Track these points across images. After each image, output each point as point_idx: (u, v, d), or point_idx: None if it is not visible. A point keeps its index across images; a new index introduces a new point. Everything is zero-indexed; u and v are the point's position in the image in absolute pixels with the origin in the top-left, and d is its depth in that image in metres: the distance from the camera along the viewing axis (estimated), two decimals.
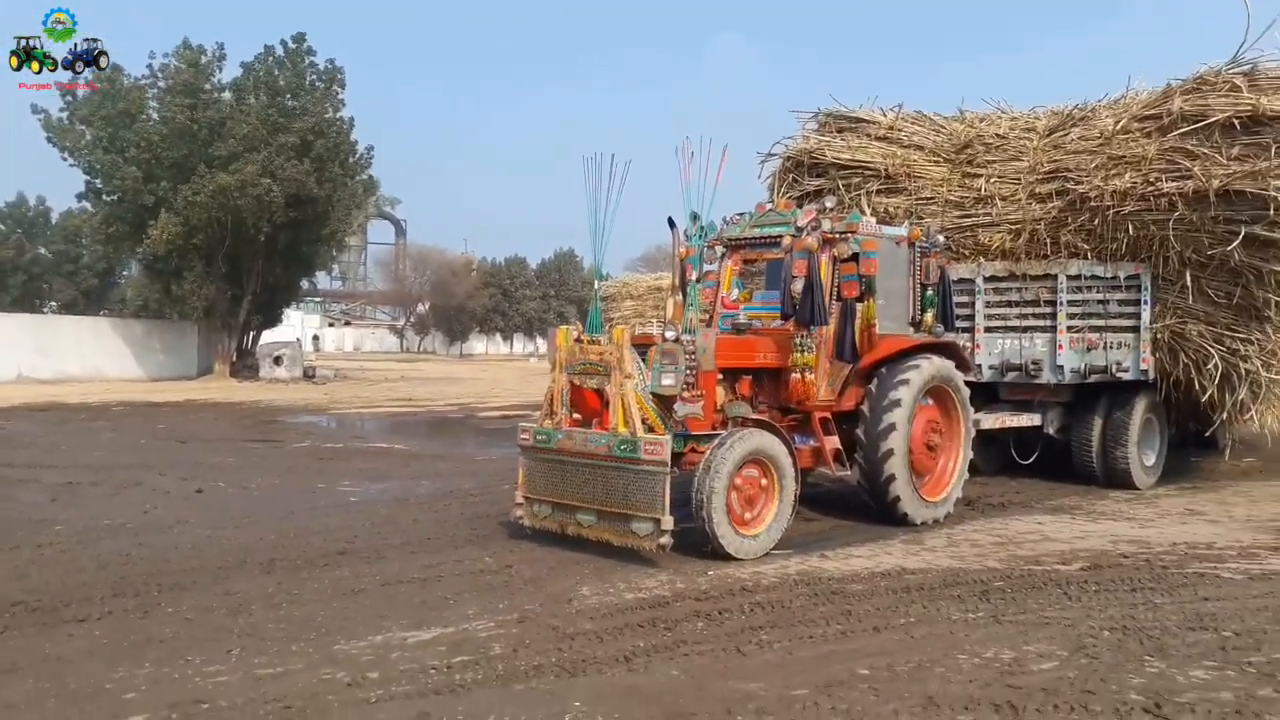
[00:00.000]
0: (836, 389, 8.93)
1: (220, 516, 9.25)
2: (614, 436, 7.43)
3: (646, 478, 7.22)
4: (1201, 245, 10.66)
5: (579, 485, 7.68)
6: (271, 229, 30.86)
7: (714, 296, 9.80)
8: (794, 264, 8.53)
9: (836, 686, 4.83)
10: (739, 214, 9.82)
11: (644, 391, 7.57)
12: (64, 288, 43.04)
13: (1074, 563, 7.59)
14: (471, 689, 4.81)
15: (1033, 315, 11.59)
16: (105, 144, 29.69)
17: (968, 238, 12.21)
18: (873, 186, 12.58)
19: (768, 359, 8.72)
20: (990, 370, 11.77)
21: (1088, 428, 11.66)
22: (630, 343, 7.59)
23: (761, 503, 7.80)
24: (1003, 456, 12.27)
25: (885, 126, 13.08)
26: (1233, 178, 10.29)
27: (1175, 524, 9.36)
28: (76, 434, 16.85)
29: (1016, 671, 5.06)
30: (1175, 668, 5.12)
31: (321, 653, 5.33)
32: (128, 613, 6.05)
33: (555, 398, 8.06)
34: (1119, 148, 11.27)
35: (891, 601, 6.43)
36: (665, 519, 7.11)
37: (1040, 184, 11.85)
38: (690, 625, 5.87)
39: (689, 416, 7.75)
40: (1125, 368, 11.31)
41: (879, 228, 9.33)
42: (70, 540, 8.11)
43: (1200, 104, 10.75)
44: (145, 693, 4.74)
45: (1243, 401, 11.02)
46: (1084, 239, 11.46)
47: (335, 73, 32.42)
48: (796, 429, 8.79)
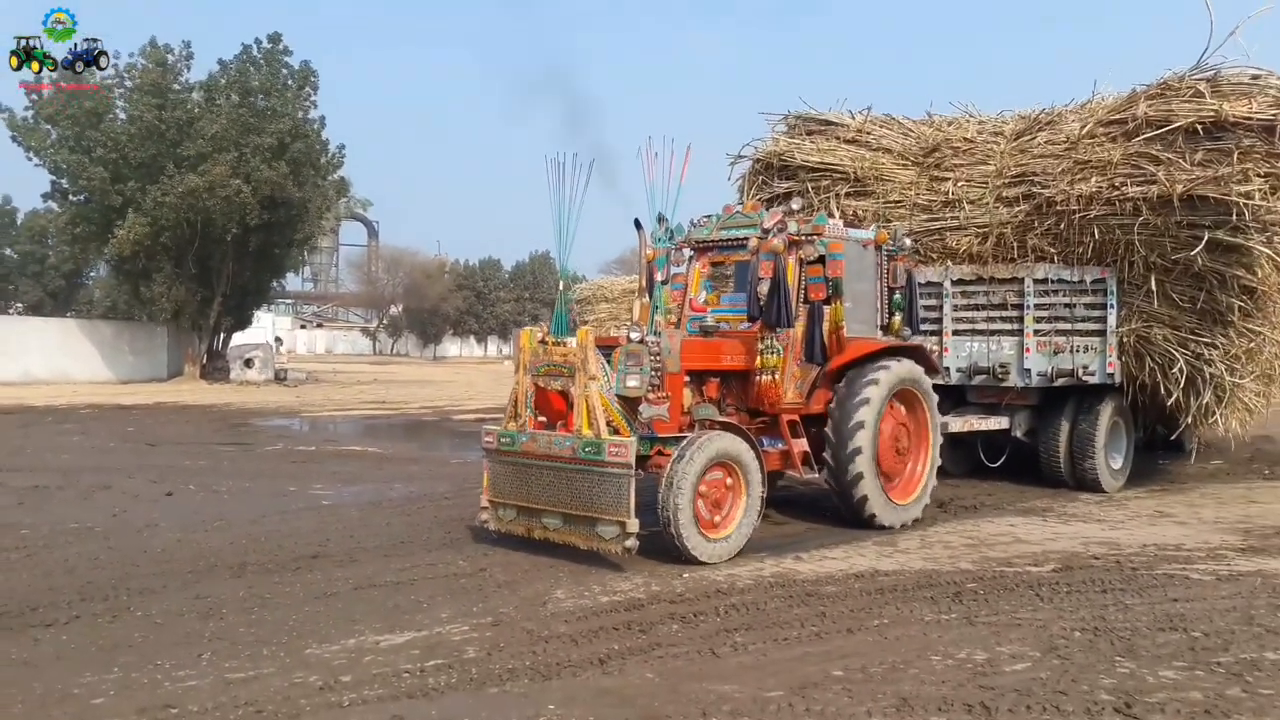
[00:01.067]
0: (804, 391, 8.91)
1: (191, 520, 9.14)
2: (578, 439, 7.35)
3: (611, 480, 7.14)
4: (1166, 250, 10.74)
5: (544, 488, 7.58)
6: (242, 230, 30.58)
7: (682, 299, 9.74)
8: (760, 266, 8.50)
9: (810, 688, 4.84)
10: (706, 216, 9.79)
11: (609, 393, 7.51)
12: (30, 289, 42.46)
13: (1046, 564, 7.66)
14: (445, 692, 4.78)
15: (1000, 319, 11.66)
16: (71, 143, 29.30)
17: (935, 241, 12.23)
18: (841, 189, 12.59)
19: (735, 361, 8.67)
20: (958, 373, 11.81)
21: (1055, 431, 11.70)
22: (594, 344, 7.50)
23: (728, 504, 7.73)
24: (971, 459, 12.33)
25: (854, 129, 13.12)
26: (1196, 183, 10.38)
27: (1145, 526, 9.47)
28: (43, 437, 16.61)
29: (989, 672, 5.09)
30: (1145, 668, 5.17)
31: (293, 656, 5.28)
32: (96, 617, 5.97)
33: (519, 400, 7.97)
34: (1084, 152, 11.34)
35: (865, 603, 6.45)
36: (630, 522, 7.04)
37: (1007, 188, 11.89)
38: (665, 628, 5.86)
39: (655, 419, 7.70)
40: (1091, 371, 11.34)
41: (845, 230, 9.32)
42: (37, 544, 7.99)
43: (1164, 109, 10.83)
44: (114, 698, 4.68)
45: (1207, 405, 11.08)
46: (1050, 243, 11.51)
47: (309, 74, 32.18)
48: (765, 431, 8.77)
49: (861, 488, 8.73)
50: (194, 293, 32.11)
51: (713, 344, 8.69)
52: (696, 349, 8.46)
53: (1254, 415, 12.11)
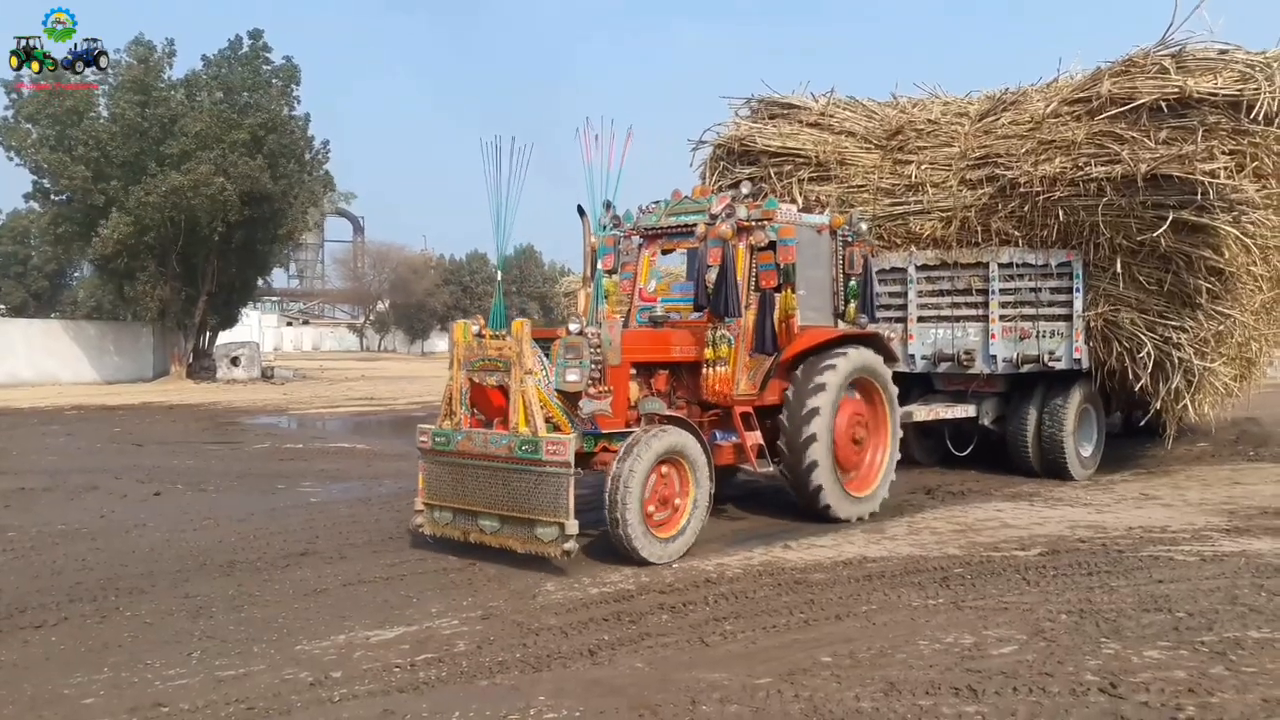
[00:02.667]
0: (757, 382, 8.64)
1: (179, 519, 9.12)
2: (515, 437, 7.04)
3: (550, 480, 6.83)
4: (1131, 231, 10.55)
5: (480, 489, 7.26)
6: (226, 227, 30.41)
7: (632, 288, 9.45)
8: (708, 253, 8.22)
9: (799, 674, 4.88)
10: (655, 202, 9.45)
11: (547, 388, 7.25)
12: (13, 290, 42.08)
13: (1032, 548, 7.71)
14: (436, 686, 4.80)
15: (965, 304, 11.51)
16: (52, 142, 29.05)
17: (899, 226, 12.01)
18: (803, 174, 12.32)
19: (684, 353, 8.41)
20: (923, 361, 11.66)
21: (1023, 419, 11.49)
22: (531, 337, 7.19)
23: (676, 501, 7.47)
24: (940, 448, 12.21)
25: (817, 113, 12.81)
26: (1160, 161, 10.17)
27: (1131, 508, 9.54)
28: (29, 438, 16.52)
29: (976, 656, 5.14)
30: (1130, 649, 5.23)
31: (284, 653, 5.29)
32: (85, 618, 5.96)
33: (453, 397, 7.67)
34: (1049, 132, 11.11)
35: (853, 590, 6.50)
36: (570, 523, 6.75)
37: (971, 170, 11.67)
38: (655, 618, 5.89)
39: (597, 414, 7.36)
40: (1058, 357, 11.14)
41: (798, 215, 9.05)
42: (24, 546, 7.96)
43: (1129, 87, 10.61)
44: (105, 698, 4.68)
45: (1177, 390, 10.84)
46: (1014, 226, 11.32)
47: (292, 70, 31.99)
48: (718, 424, 8.58)
49: (816, 477, 8.48)
50: (179, 291, 31.92)
51: (660, 334, 8.46)
52: (641, 340, 8.23)
53: (1230, 398, 11.93)
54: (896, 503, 9.85)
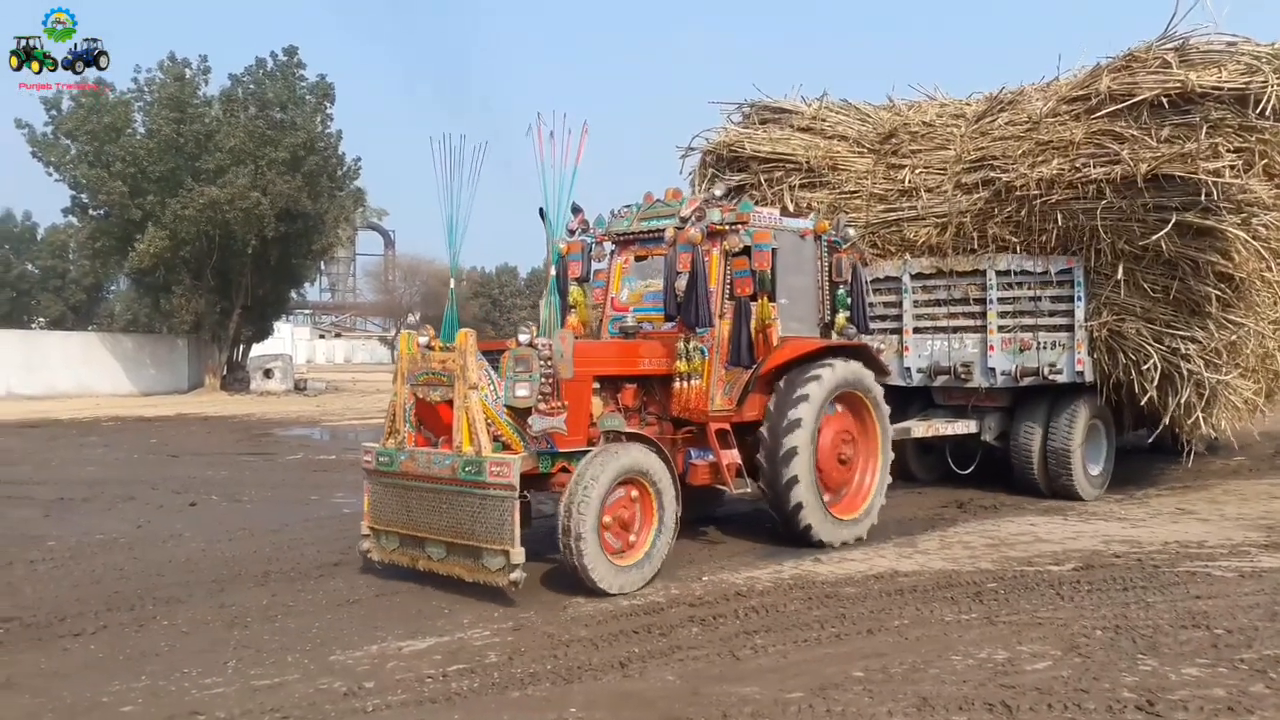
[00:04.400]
0: (734, 397, 8.07)
1: (214, 529, 9.23)
2: (458, 457, 6.57)
3: (494, 503, 6.36)
4: (1133, 235, 9.93)
5: (426, 513, 6.81)
6: (260, 242, 30.82)
7: (604, 297, 8.95)
8: (678, 259, 7.75)
9: (831, 689, 4.85)
10: (627, 206, 8.92)
11: (496, 404, 6.75)
12: (52, 303, 42.85)
13: (1066, 563, 7.63)
14: (468, 697, 4.82)
15: (962, 314, 11.02)
16: (90, 158, 29.61)
17: (893, 233, 11.46)
18: (795, 180, 11.80)
19: (654, 365, 7.86)
20: (919, 374, 11.18)
21: (1028, 435, 10.84)
22: (475, 348, 6.71)
23: (638, 526, 6.93)
24: (941, 465, 11.68)
25: (809, 117, 12.33)
26: (1161, 161, 9.58)
27: (1167, 523, 9.41)
28: (68, 450, 16.79)
29: (1010, 671, 5.09)
30: (1168, 665, 5.16)
31: (318, 663, 5.33)
32: (123, 626, 6.05)
33: (397, 413, 7.19)
34: (1046, 133, 10.53)
35: (885, 604, 6.45)
36: (515, 551, 6.26)
37: (966, 174, 11.07)
38: (685, 631, 5.89)
39: (550, 431, 6.73)
40: (1059, 369, 10.51)
41: (779, 219, 8.56)
42: (64, 555, 8.08)
43: (1129, 83, 10.01)
44: (142, 705, 4.74)
45: (1188, 404, 10.16)
46: (1012, 231, 10.73)
47: (326, 87, 32.41)
48: (692, 442, 8.03)
49: (796, 494, 7.89)
50: (213, 304, 32.38)
51: (626, 346, 7.94)
52: (601, 352, 7.79)
53: (1254, 414, 11.15)
54: (928, 516, 9.81)
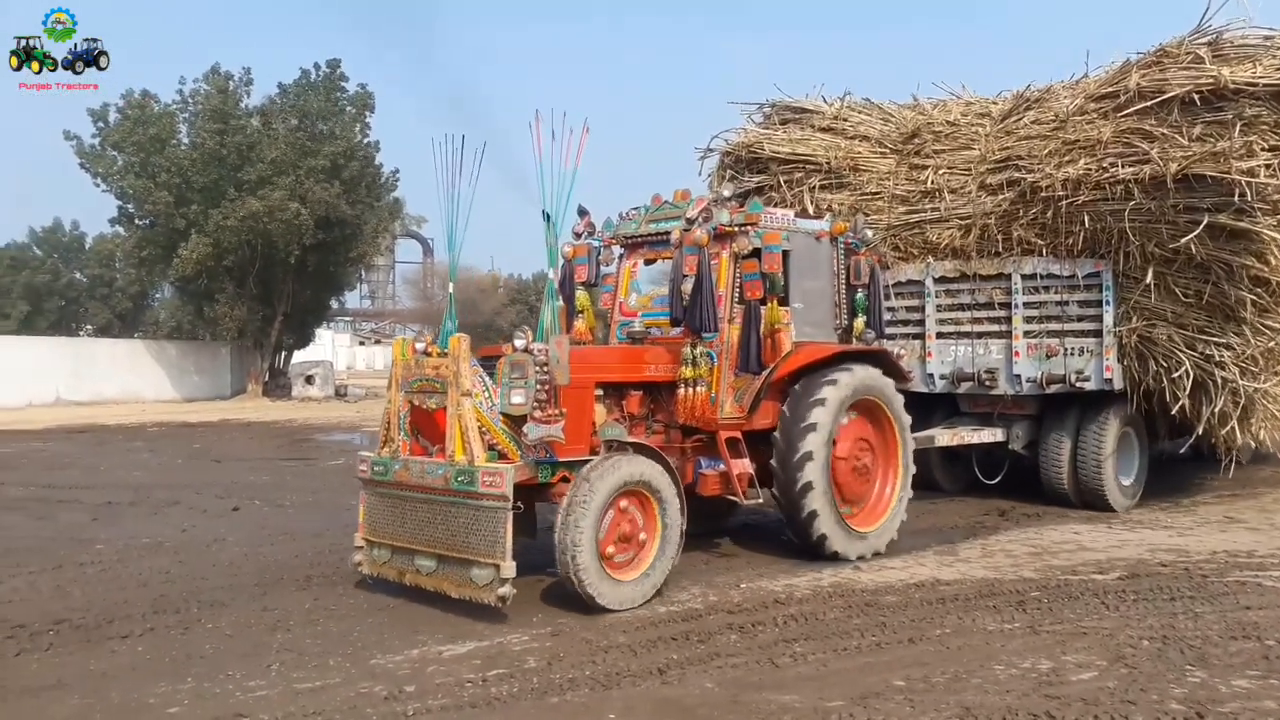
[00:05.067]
0: (746, 404, 7.81)
1: (256, 534, 9.35)
2: (451, 466, 6.39)
3: (486, 515, 6.16)
4: (1163, 237, 9.56)
5: (418, 525, 6.63)
6: (301, 250, 31.22)
7: (613, 302, 8.79)
8: (684, 262, 7.51)
9: (872, 698, 4.81)
10: (635, 208, 8.73)
11: (492, 412, 6.58)
12: (99, 311, 43.59)
13: (1111, 572, 7.52)
14: (507, 702, 4.84)
15: (987, 319, 10.71)
16: (137, 169, 30.16)
17: (916, 235, 11.17)
18: (815, 181, 11.50)
19: (660, 371, 7.66)
20: (942, 380, 10.87)
21: (1057, 444, 10.49)
22: (469, 354, 6.53)
23: (640, 539, 6.71)
24: (967, 475, 11.31)
25: (830, 117, 12.04)
26: (1192, 160, 9.19)
27: (1215, 532, 9.24)
28: (114, 454, 17.09)
29: (1054, 682, 5.02)
30: (1217, 677, 5.06)
31: (359, 667, 5.38)
32: (169, 629, 6.14)
33: (391, 421, 7.02)
34: (1073, 131, 10.19)
35: (926, 613, 6.39)
36: (506, 565, 6.05)
37: (991, 174, 10.74)
38: (724, 638, 5.87)
39: (548, 440, 6.52)
40: (1086, 376, 10.11)
41: (792, 220, 8.33)
42: (111, 559, 8.22)
43: (1159, 79, 9.63)
44: (188, 707, 4.82)
45: (1223, 413, 9.71)
46: (1037, 233, 10.37)
47: (365, 98, 32.77)
48: (702, 451, 7.81)
49: (810, 502, 7.64)
50: (256, 312, 32.81)
51: (630, 352, 7.80)
52: (603, 358, 7.64)
53: None
54: (969, 524, 9.71)
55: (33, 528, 9.80)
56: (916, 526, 9.59)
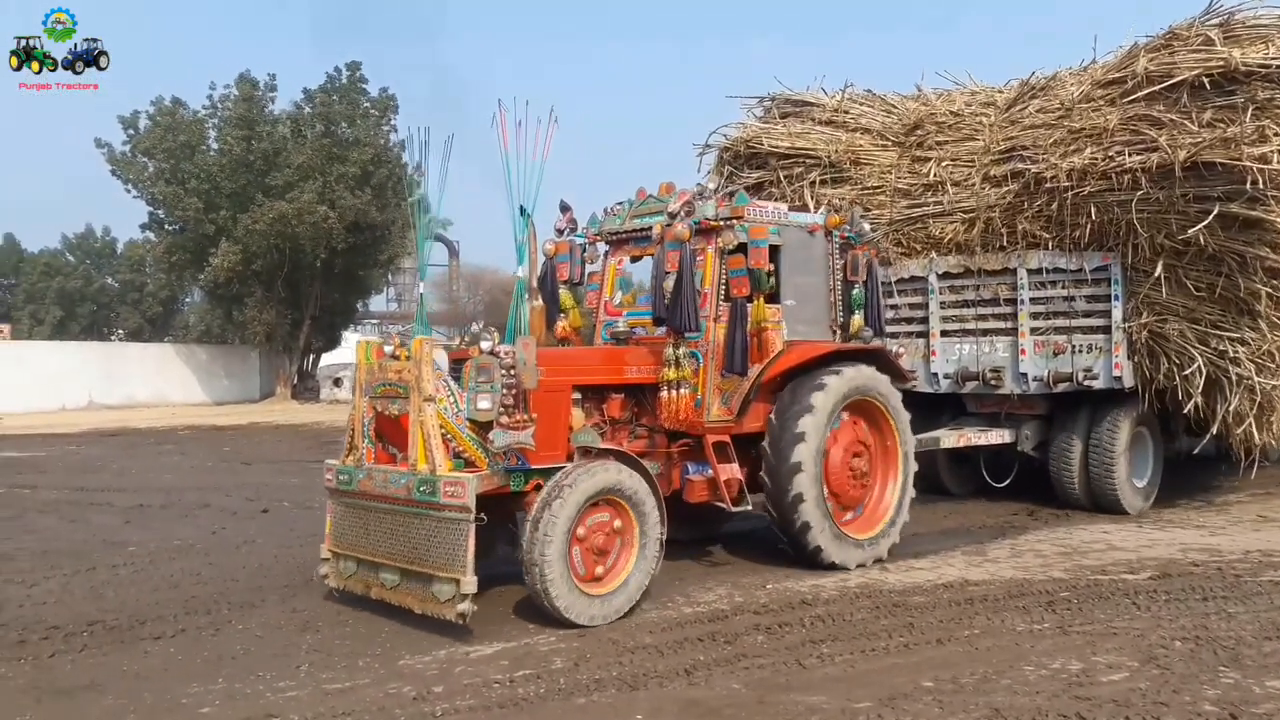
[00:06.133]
0: (734, 407, 7.51)
1: (286, 536, 9.43)
2: (413, 475, 6.13)
3: (448, 527, 5.90)
4: (1172, 228, 9.19)
5: (382, 536, 6.38)
6: (329, 254, 31.49)
7: (598, 301, 8.53)
8: (666, 258, 7.13)
9: (900, 699, 4.79)
10: (619, 203, 8.39)
11: (456, 418, 6.28)
12: (130, 316, 44.19)
13: (1142, 572, 7.44)
14: (534, 702, 4.86)
15: (992, 316, 10.38)
16: (167, 176, 30.54)
17: (919, 230, 10.81)
18: (815, 176, 11.15)
19: (643, 373, 7.33)
20: (947, 380, 10.56)
21: (1068, 445, 10.14)
22: (431, 357, 6.25)
23: (616, 552, 6.41)
24: (975, 478, 10.97)
25: (830, 109, 11.71)
26: (1201, 147, 8.81)
27: (1248, 531, 9.12)
28: (146, 458, 17.29)
29: (1085, 682, 4.98)
30: (1251, 678, 5.00)
31: (388, 668, 5.42)
32: (200, 630, 6.21)
33: (355, 428, 6.73)
34: (1079, 119, 9.83)
35: (955, 613, 6.35)
36: (466, 580, 5.78)
37: (995, 165, 10.39)
38: (750, 638, 5.86)
39: (517, 447, 6.20)
40: (1095, 374, 9.74)
41: (784, 214, 8.04)
42: (143, 560, 8.32)
43: (1168, 63, 9.28)
44: (220, 707, 4.87)
45: (1238, 412, 9.31)
46: (1043, 226, 10.01)
47: (389, 102, 32.97)
48: (690, 456, 7.51)
49: (802, 512, 7.33)
50: (284, 315, 33.12)
51: (610, 353, 7.55)
52: (581, 360, 7.38)
53: None
54: (997, 524, 9.64)
55: (66, 530, 9.93)
56: (944, 526, 9.57)
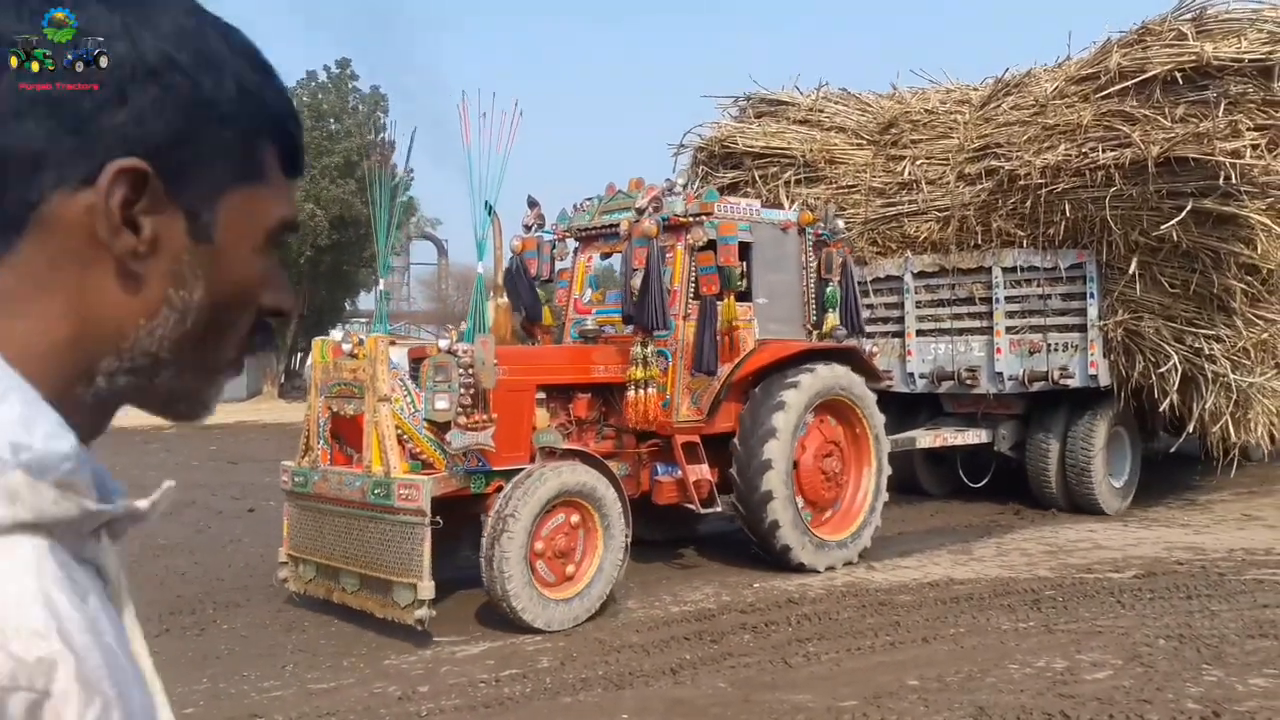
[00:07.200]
0: (704, 407, 7.45)
1: (272, 535, 9.31)
2: (368, 477, 6.01)
3: (403, 531, 5.77)
4: (1146, 225, 9.10)
5: (339, 540, 6.24)
6: (315, 251, 31.38)
7: (567, 299, 8.42)
8: (633, 254, 7.04)
9: (885, 697, 4.80)
10: (588, 199, 8.31)
11: (413, 418, 6.17)
12: None
13: (1127, 570, 7.47)
14: (520, 702, 4.86)
15: (967, 315, 10.33)
16: None
17: (894, 229, 10.76)
18: (790, 175, 11.11)
19: (610, 372, 7.21)
20: (922, 380, 10.48)
21: (1045, 445, 10.05)
22: (386, 356, 6.11)
23: (578, 554, 6.31)
24: (952, 478, 10.85)
25: (805, 108, 11.67)
26: (1174, 142, 8.74)
27: (1232, 530, 9.17)
28: (132, 455, 17.18)
29: (1069, 681, 5.00)
30: (1234, 676, 5.03)
31: (373, 667, 5.41)
32: (185, 629, 6.19)
33: (311, 429, 6.61)
34: (1053, 116, 9.78)
35: (940, 612, 6.37)
36: (423, 585, 5.63)
37: (969, 163, 10.33)
38: (737, 637, 5.87)
39: (476, 448, 6.07)
40: (1070, 373, 9.68)
41: (756, 210, 7.99)
42: (128, 559, 8.26)
43: (1141, 59, 9.20)
44: (204, 707, 4.85)
45: (1214, 410, 9.25)
46: (1017, 224, 9.92)
47: (378, 99, 32.90)
48: (659, 457, 7.43)
49: (771, 511, 7.22)
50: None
51: (576, 351, 7.46)
52: (544, 359, 7.30)
53: None
54: (983, 523, 9.67)
55: None
56: (930, 525, 9.60)
